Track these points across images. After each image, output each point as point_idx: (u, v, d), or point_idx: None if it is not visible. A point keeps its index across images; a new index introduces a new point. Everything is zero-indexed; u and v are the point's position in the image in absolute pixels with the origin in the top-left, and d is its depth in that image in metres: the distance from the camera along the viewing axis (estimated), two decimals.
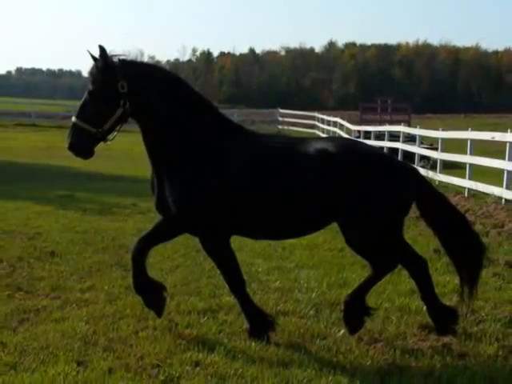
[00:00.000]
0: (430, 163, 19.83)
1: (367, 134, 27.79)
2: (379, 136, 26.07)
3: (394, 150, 21.25)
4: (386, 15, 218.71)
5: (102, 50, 5.29)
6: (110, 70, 5.29)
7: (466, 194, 15.10)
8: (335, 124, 37.53)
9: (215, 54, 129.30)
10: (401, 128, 22.90)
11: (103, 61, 5.29)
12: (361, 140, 21.89)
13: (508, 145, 13.66)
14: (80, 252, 8.63)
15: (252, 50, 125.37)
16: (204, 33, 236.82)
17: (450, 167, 18.91)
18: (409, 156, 20.06)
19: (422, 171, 16.83)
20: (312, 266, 8.04)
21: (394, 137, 23.81)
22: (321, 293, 6.79)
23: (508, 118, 52.85)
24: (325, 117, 41.12)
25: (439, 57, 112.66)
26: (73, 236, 9.66)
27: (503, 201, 13.20)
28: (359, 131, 30.07)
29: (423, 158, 20.56)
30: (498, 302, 6.56)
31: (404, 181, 5.50)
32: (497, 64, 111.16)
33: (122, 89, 5.29)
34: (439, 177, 17.25)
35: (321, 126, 41.16)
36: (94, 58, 5.36)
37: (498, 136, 14.59)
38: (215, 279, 6.94)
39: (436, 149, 19.08)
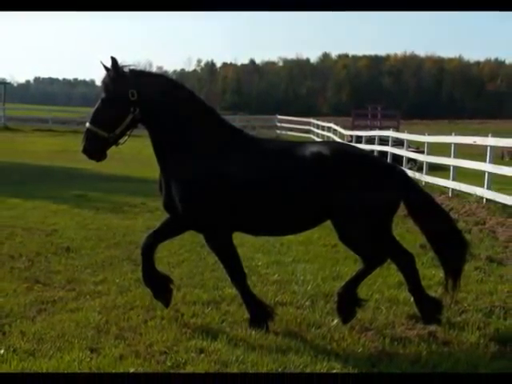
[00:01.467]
0: (417, 165, 19.84)
1: (359, 139, 27.78)
2: (370, 140, 26.06)
3: (384, 153, 21.25)
4: (376, 29, 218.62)
5: (114, 60, 5.29)
6: (121, 79, 5.29)
7: (450, 194, 15.08)
8: (329, 129, 37.47)
9: (218, 64, 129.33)
10: (390, 133, 22.86)
11: (115, 71, 5.29)
12: (353, 144, 21.93)
13: (488, 148, 13.64)
14: (93, 247, 8.62)
15: (252, 61, 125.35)
16: (208, 45, 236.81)
17: (435, 169, 18.89)
18: (397, 159, 20.07)
19: (410, 173, 16.83)
20: (308, 260, 8.04)
21: (383, 141, 23.79)
22: (316, 285, 6.78)
23: (489, 124, 52.89)
24: (319, 122, 41.06)
25: (425, 67, 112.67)
26: (87, 233, 9.65)
27: (484, 200, 13.18)
28: (351, 136, 30.02)
29: (410, 160, 20.59)
30: (479, 294, 6.56)
31: (394, 181, 5.50)
32: (478, 73, 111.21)
33: (132, 97, 5.29)
34: (425, 178, 17.22)
35: (316, 131, 41.08)
36: (106, 68, 5.36)
37: (479, 140, 14.56)
38: (218, 272, 6.93)
39: (422, 152, 19.07)
